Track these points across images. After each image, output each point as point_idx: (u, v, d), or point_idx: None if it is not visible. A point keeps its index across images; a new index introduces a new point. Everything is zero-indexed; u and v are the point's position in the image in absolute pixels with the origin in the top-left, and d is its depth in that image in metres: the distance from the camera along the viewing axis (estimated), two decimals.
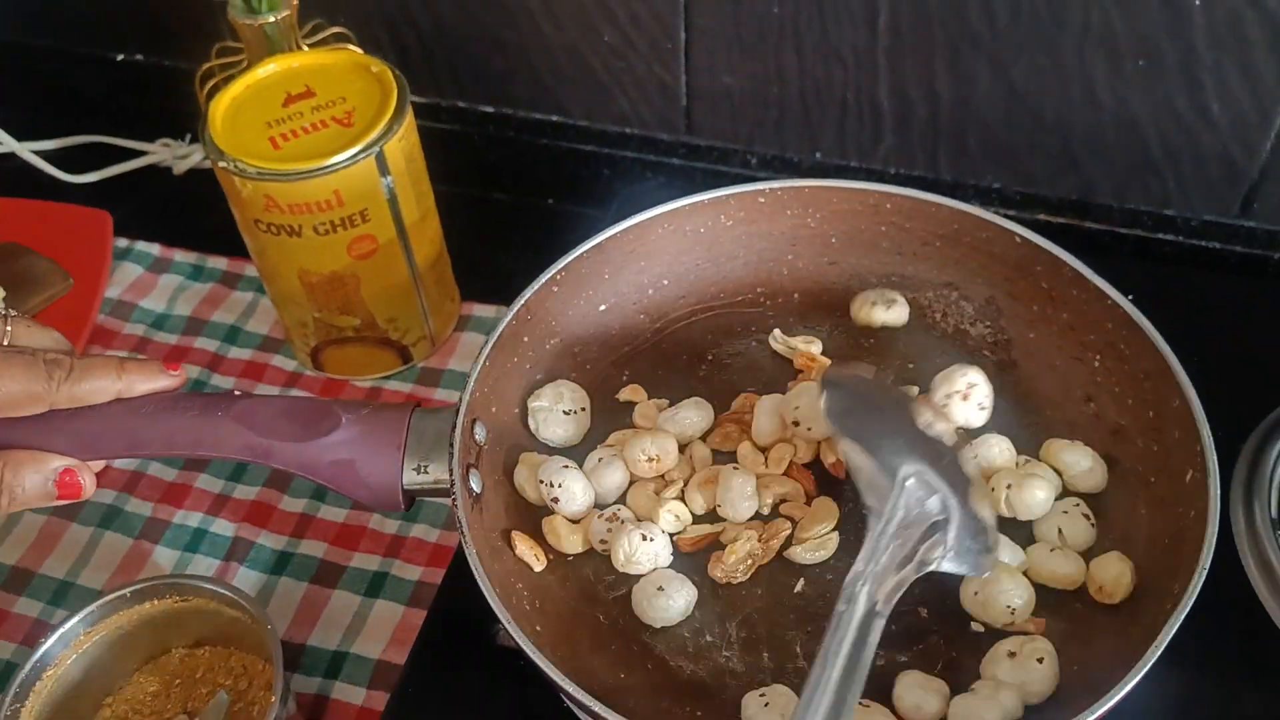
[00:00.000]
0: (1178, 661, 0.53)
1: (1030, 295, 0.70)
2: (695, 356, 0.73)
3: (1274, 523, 0.65)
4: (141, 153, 0.97)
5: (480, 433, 0.64)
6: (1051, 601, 0.61)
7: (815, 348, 0.72)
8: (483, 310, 0.85)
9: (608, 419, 0.70)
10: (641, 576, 0.63)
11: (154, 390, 0.60)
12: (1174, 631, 0.53)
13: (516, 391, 0.69)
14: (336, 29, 0.82)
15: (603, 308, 0.72)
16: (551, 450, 0.68)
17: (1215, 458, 0.59)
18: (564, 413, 0.68)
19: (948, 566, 0.57)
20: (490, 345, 0.65)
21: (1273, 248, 0.83)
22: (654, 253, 0.73)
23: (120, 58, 1.00)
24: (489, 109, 0.93)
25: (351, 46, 0.80)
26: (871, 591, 0.54)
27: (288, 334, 0.82)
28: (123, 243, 0.90)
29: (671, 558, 0.64)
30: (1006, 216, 0.84)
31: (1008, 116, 0.81)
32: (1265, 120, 0.76)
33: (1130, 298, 0.65)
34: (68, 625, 0.61)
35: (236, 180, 0.69)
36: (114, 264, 0.89)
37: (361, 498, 0.61)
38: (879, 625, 0.53)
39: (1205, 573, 0.55)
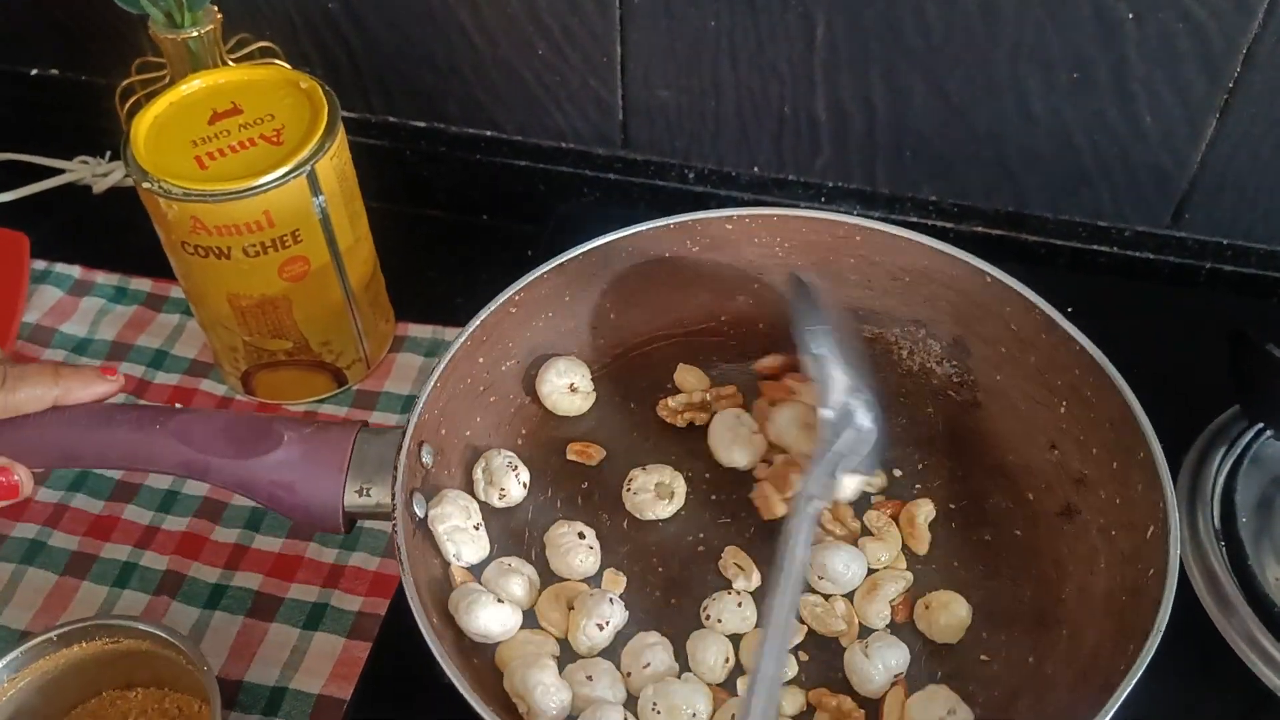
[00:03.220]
0: None
1: (998, 337, 0.68)
2: (652, 385, 0.72)
3: (1217, 533, 0.66)
4: (59, 171, 0.94)
5: (428, 456, 0.63)
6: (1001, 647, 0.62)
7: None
8: (418, 331, 0.83)
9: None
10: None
11: (92, 397, 0.59)
12: (1129, 691, 0.53)
13: (468, 415, 0.67)
14: (262, 43, 0.80)
15: (562, 330, 0.70)
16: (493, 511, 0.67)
17: (1176, 515, 0.57)
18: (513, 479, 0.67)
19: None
20: (443, 365, 0.63)
21: (1204, 257, 0.84)
22: (616, 276, 0.70)
23: (34, 72, 0.97)
24: (421, 124, 0.91)
25: (278, 61, 0.78)
26: (819, 501, 0.59)
27: (217, 358, 0.79)
28: (41, 265, 0.87)
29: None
30: (944, 229, 0.84)
31: (943, 129, 0.81)
32: (1196, 132, 0.77)
33: (1069, 310, 0.65)
34: None
35: (161, 202, 0.67)
36: (32, 287, 0.85)
37: (300, 518, 0.60)
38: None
39: (1161, 634, 0.54)
